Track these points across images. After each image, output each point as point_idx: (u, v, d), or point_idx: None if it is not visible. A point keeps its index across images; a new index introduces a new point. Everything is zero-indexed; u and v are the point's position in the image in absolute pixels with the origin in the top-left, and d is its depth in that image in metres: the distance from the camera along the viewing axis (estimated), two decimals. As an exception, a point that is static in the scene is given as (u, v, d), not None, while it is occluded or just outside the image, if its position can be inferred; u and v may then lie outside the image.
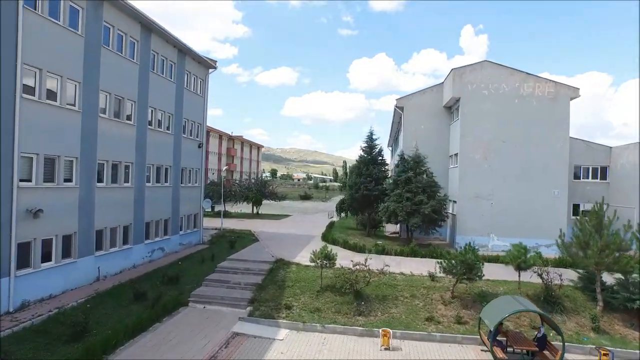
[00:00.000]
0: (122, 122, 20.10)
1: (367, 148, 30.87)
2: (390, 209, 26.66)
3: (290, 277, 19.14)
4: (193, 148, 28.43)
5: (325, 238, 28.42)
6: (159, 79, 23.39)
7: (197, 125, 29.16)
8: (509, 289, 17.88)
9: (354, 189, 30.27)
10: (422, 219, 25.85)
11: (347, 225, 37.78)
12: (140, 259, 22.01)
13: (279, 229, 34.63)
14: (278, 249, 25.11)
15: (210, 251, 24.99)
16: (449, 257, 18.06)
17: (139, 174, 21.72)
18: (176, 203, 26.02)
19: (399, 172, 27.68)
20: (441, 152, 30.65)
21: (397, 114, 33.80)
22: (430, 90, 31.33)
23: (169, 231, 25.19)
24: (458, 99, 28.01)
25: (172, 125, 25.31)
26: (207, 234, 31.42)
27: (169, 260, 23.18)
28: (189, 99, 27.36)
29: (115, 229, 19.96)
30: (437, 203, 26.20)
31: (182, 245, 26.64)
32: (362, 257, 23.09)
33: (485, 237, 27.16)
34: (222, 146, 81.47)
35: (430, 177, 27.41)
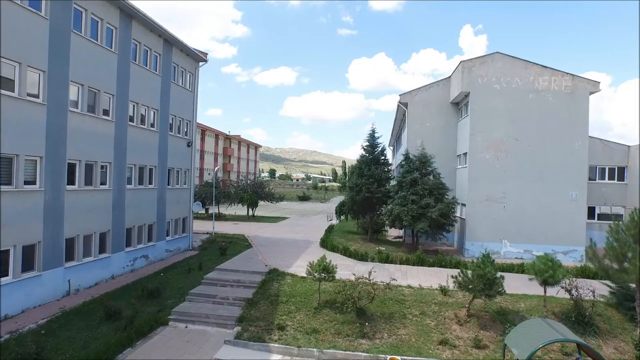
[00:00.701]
0: (98, 117, 18.04)
1: (368, 147, 28.83)
2: (394, 212, 24.63)
3: (284, 291, 17.10)
4: (181, 147, 26.37)
5: (324, 244, 26.38)
6: (141, 71, 21.34)
7: (186, 122, 27.10)
8: (531, 305, 15.86)
9: (354, 191, 28.24)
10: (429, 223, 23.82)
11: (347, 228, 35.74)
12: (121, 268, 19.96)
13: (274, 233, 32.58)
14: (272, 256, 23.07)
15: (198, 259, 22.97)
16: (465, 268, 16.09)
17: (118, 175, 19.67)
18: (162, 206, 23.97)
19: (403, 173, 25.66)
20: (448, 152, 28.63)
21: (401, 110, 31.77)
22: (437, 85, 29.31)
23: (154, 237, 23.14)
24: (467, 94, 25.99)
25: (158, 122, 23.26)
26: (197, 238, 29.40)
27: (153, 269, 21.17)
28: (177, 93, 25.31)
29: (90, 237, 17.89)
30: (445, 206, 24.17)
31: (169, 252, 24.60)
32: (364, 266, 21.15)
33: (497, 243, 25.15)
34: (218, 146, 79.40)
35: (437, 178, 25.39)
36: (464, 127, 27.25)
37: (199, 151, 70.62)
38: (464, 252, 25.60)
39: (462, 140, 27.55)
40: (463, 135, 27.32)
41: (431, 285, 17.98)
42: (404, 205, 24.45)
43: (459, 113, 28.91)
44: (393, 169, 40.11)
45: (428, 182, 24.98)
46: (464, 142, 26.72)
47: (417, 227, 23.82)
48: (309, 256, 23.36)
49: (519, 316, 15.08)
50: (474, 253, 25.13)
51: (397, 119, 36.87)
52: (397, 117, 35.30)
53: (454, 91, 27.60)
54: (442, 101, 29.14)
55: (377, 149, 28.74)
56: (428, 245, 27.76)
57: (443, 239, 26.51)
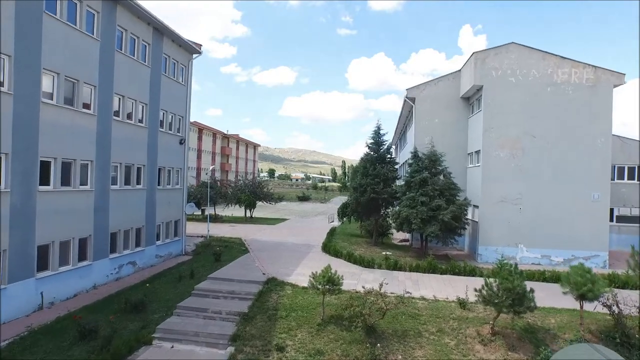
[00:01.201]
0: (77, 110, 16.23)
1: (373, 145, 27.05)
2: (402, 214, 22.85)
3: (284, 304, 15.30)
4: (173, 144, 24.56)
5: (327, 248, 24.58)
6: (128, 62, 19.54)
7: (179, 118, 25.28)
8: (563, 322, 14.08)
9: (358, 191, 26.45)
10: (440, 227, 22.04)
11: (349, 231, 33.96)
12: (104, 277, 18.16)
13: (273, 236, 30.78)
14: (271, 263, 21.28)
15: (190, 266, 21.20)
16: (480, 275, 14.32)
17: (101, 174, 17.87)
18: (152, 208, 22.17)
19: (411, 172, 23.87)
20: (458, 149, 26.83)
21: (407, 106, 29.98)
22: (446, 78, 27.52)
23: (142, 242, 21.33)
24: (480, 88, 24.20)
25: (146, 117, 21.45)
26: (191, 242, 27.60)
27: (141, 277, 19.40)
28: (168, 87, 23.50)
29: (68, 243, 16.08)
30: (457, 208, 22.38)
31: (159, 257, 22.80)
32: (371, 274, 19.38)
33: (513, 247, 23.37)
34: (216, 145, 77.63)
35: (448, 178, 23.60)
36: (476, 123, 25.48)
37: (196, 150, 68.88)
38: (477, 258, 23.82)
39: (474, 137, 25.77)
40: (475, 132, 25.54)
41: (447, 297, 16.20)
42: (413, 207, 22.67)
43: (469, 108, 27.13)
44: (398, 168, 38.29)
45: (438, 182, 23.21)
46: (477, 139, 24.95)
47: (428, 231, 22.03)
48: (310, 262, 21.60)
49: (550, 334, 13.32)
50: (488, 258, 23.39)
51: (402, 115, 35.08)
52: (403, 113, 33.49)
53: (465, 85, 25.82)
54: (452, 96, 27.35)
55: (383, 146, 26.96)
56: (437, 249, 26.00)
57: (454, 244, 24.69)
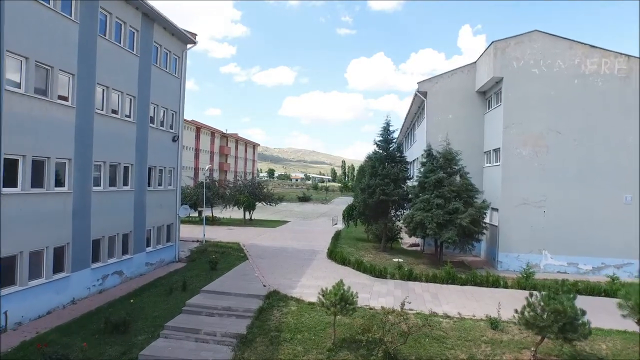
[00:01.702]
0: (52, 101, 14.21)
1: (382, 142, 25.06)
2: (415, 218, 20.88)
3: (288, 324, 13.30)
4: (165, 141, 22.55)
5: (333, 255, 22.57)
6: (113, 49, 17.52)
7: (172, 113, 23.28)
8: (616, 348, 12.09)
9: (367, 193, 24.45)
10: (457, 232, 20.09)
11: (355, 235, 31.97)
12: (85, 290, 16.15)
13: (274, 240, 28.76)
14: (272, 272, 19.28)
15: (183, 275, 19.23)
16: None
17: (81, 174, 15.85)
18: (141, 212, 20.16)
19: (425, 172, 21.91)
20: (473, 148, 24.83)
21: (418, 100, 28.00)
22: (460, 71, 25.56)
23: (130, 249, 19.33)
24: (499, 80, 22.23)
25: (135, 112, 19.44)
26: (186, 247, 25.60)
27: (128, 288, 17.42)
28: (160, 79, 21.50)
29: (40, 253, 14.05)
30: (476, 212, 20.44)
31: (150, 265, 20.79)
32: (383, 285, 17.38)
33: (536, 254, 21.40)
34: (214, 144, 75.62)
35: (465, 178, 21.65)
36: (493, 119, 23.51)
37: (193, 150, 66.86)
38: (496, 265, 21.85)
39: (491, 134, 23.81)
40: (493, 128, 23.58)
41: (474, 314, 14.20)
42: (428, 210, 20.70)
43: (486, 103, 25.17)
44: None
45: (455, 183, 21.25)
46: (495, 137, 22.97)
47: (444, 237, 20.06)
48: (316, 272, 19.61)
49: (603, 363, 11.34)
50: (509, 266, 21.45)
51: (410, 111, 33.09)
52: (412, 109, 31.47)
53: (482, 78, 23.85)
54: (467, 90, 25.39)
55: (393, 144, 24.97)
56: (451, 255, 23.99)
57: (473, 250, 22.67)
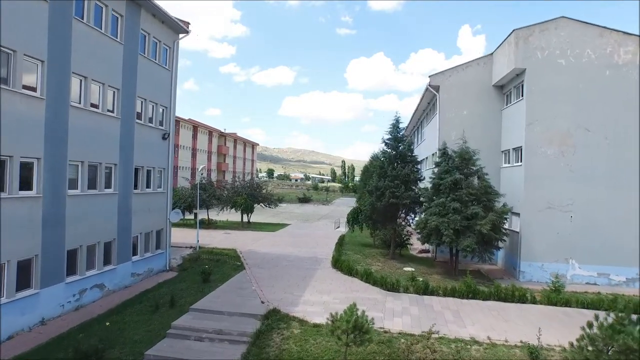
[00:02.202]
0: (14, 91, 12.21)
1: (391, 140, 23.07)
2: (430, 224, 18.91)
3: (290, 352, 11.30)
4: (154, 140, 20.57)
5: (338, 264, 20.57)
6: (92, 34, 15.52)
7: (162, 108, 21.29)
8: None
9: (375, 195, 22.46)
10: (476, 239, 18.14)
11: (360, 240, 29.98)
12: (57, 307, 14.15)
13: (273, 246, 26.77)
14: (271, 285, 17.31)
15: (172, 287, 17.29)
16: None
17: (52, 175, 13.84)
18: (126, 217, 18.17)
19: (440, 173, 19.93)
20: (490, 146, 22.83)
21: (428, 96, 26.03)
22: (476, 64, 23.59)
23: (113, 259, 17.33)
24: (521, 72, 20.27)
25: (119, 106, 17.44)
26: (178, 254, 23.65)
27: (110, 304, 15.46)
28: (148, 70, 19.53)
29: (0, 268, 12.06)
30: (497, 217, 18.49)
31: (136, 275, 18.81)
32: (397, 301, 15.33)
33: (562, 263, 19.43)
34: (212, 144, 73.64)
35: (484, 180, 19.69)
36: (513, 115, 21.55)
37: (190, 149, 64.88)
38: (518, 275, 19.88)
39: (511, 131, 21.86)
40: (512, 125, 21.62)
41: (506, 339, 12.21)
42: (443, 216, 18.73)
43: (503, 99, 23.21)
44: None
45: (473, 185, 19.29)
46: (515, 134, 21.02)
47: (463, 245, 18.09)
48: (320, 284, 17.64)
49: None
50: (532, 276, 19.52)
51: (418, 108, 31.11)
52: (420, 105, 29.46)
53: (500, 70, 21.88)
54: (483, 84, 23.44)
55: (403, 143, 22.97)
56: (465, 264, 22.00)
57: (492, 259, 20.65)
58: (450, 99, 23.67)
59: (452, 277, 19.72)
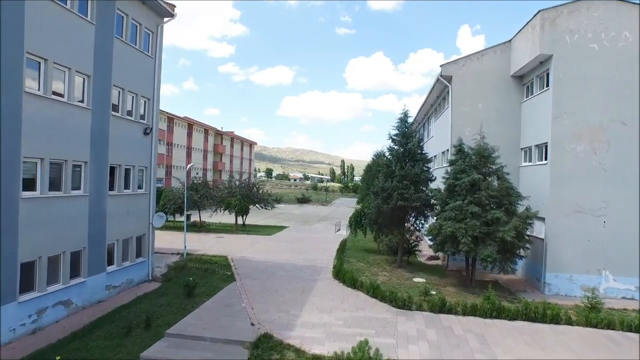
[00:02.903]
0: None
1: (399, 136, 20.80)
2: (444, 230, 16.66)
3: (283, 397, 9.05)
4: (135, 135, 18.31)
5: (340, 275, 18.29)
6: (53, 10, 13.22)
7: (143, 100, 19.03)
8: None
9: (381, 197, 20.20)
10: (498, 247, 15.92)
11: (363, 244, 27.74)
12: (8, 332, 11.88)
13: (268, 253, 24.50)
14: (264, 300, 15.07)
15: (151, 304, 15.06)
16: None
17: (2, 175, 11.59)
18: (99, 222, 15.90)
19: (455, 173, 17.69)
20: (508, 143, 20.49)
21: (439, 87, 23.78)
22: (492, 52, 21.33)
23: (82, 270, 15.06)
24: (546, 59, 18.04)
25: (89, 95, 15.15)
26: (163, 262, 21.48)
27: (76, 324, 13.24)
28: (126, 56, 17.27)
29: None
30: (521, 222, 16.26)
31: (112, 288, 16.53)
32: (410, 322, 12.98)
33: (594, 274, 17.19)
34: (208, 142, 71.29)
35: (505, 180, 17.46)
36: (536, 108, 19.33)
37: (185, 148, 62.59)
38: (543, 288, 17.64)
39: (532, 126, 19.63)
40: (535, 119, 19.40)
41: (548, 376, 9.99)
42: (460, 221, 16.49)
43: (523, 90, 20.97)
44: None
45: (492, 187, 17.06)
46: (539, 129, 18.78)
47: (483, 254, 15.84)
48: (320, 299, 15.39)
49: None
50: (559, 289, 17.31)
51: (426, 102, 28.85)
52: (429, 98, 27.12)
53: (521, 58, 19.64)
54: (499, 74, 21.20)
55: (412, 139, 20.71)
56: (480, 273, 19.72)
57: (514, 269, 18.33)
58: (464, 90, 21.42)
59: (468, 289, 17.50)
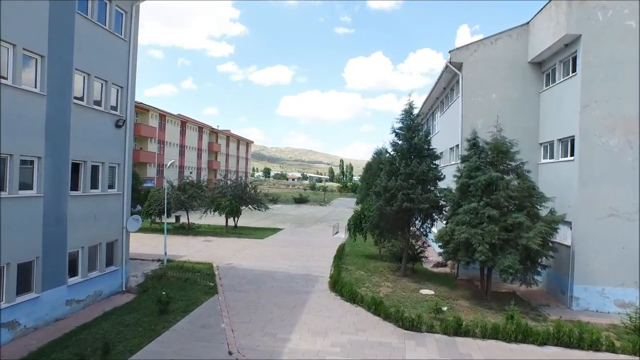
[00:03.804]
0: None
1: (404, 130, 18.53)
2: (458, 237, 14.42)
3: None
4: (104, 127, 16.04)
5: (338, 287, 16.02)
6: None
7: (115, 88, 16.76)
8: None
9: (384, 198, 17.93)
10: (520, 256, 13.70)
11: (362, 249, 25.50)
12: None
13: (259, 258, 22.26)
14: (248, 319, 12.82)
15: (116, 322, 12.83)
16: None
17: None
18: (57, 227, 13.63)
19: (469, 170, 15.45)
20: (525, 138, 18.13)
21: (448, 75, 21.51)
22: (507, 36, 19.09)
23: (34, 284, 12.82)
24: (573, 41, 15.83)
25: (44, 79, 12.90)
26: (142, 269, 19.28)
27: (20, 351, 10.93)
28: (93, 37, 15.00)
29: None
30: (547, 228, 14.04)
31: (75, 303, 14.28)
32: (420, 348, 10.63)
33: (631, 287, 14.94)
34: (202, 140, 68.94)
35: (527, 179, 15.24)
36: (559, 97, 17.12)
37: (178, 146, 60.26)
38: (569, 302, 15.41)
39: (554, 118, 17.41)
40: (558, 110, 17.19)
41: None
42: (476, 226, 14.26)
43: (542, 78, 18.76)
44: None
45: (512, 187, 14.84)
46: (564, 121, 16.57)
47: (503, 265, 13.60)
48: (314, 318, 13.12)
49: None
50: (589, 304, 15.10)
51: (432, 95, 26.59)
52: (436, 88, 24.75)
53: (542, 41, 17.42)
54: (515, 60, 18.98)
55: (419, 133, 18.45)
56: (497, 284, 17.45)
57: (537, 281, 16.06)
58: (475, 79, 19.19)
59: (483, 303, 15.30)
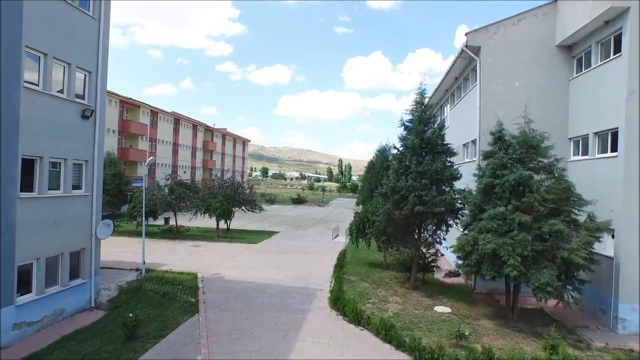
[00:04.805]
0: None
1: (414, 122, 16.18)
2: (482, 247, 12.10)
3: None
4: (67, 118, 13.68)
5: (340, 304, 13.69)
6: None
7: (82, 73, 14.42)
8: None
9: (392, 201, 15.59)
10: (559, 271, 11.41)
11: (366, 256, 23.18)
12: None
13: (250, 267, 19.92)
14: (231, 348, 10.48)
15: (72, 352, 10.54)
16: None
17: None
18: (1, 237, 11.30)
19: (494, 169, 13.13)
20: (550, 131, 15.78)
21: (463, 61, 19.15)
22: (532, 15, 16.79)
23: (-30, 307, 10.48)
24: (616, 17, 13.55)
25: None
26: (115, 282, 16.92)
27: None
28: (52, 12, 12.67)
29: None
30: (591, 237, 11.75)
31: (26, 326, 11.94)
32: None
33: (685, 308, 12.68)
34: (197, 139, 66.51)
35: (563, 180, 12.95)
36: (596, 84, 14.83)
37: (172, 144, 57.83)
38: (613, 324, 13.12)
39: (590, 108, 15.14)
40: (594, 99, 14.91)
41: None
42: (504, 234, 11.95)
43: (572, 63, 16.47)
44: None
45: (547, 188, 12.53)
46: (603, 111, 14.29)
47: (540, 282, 11.29)
48: (311, 345, 10.76)
49: None
50: (638, 326, 12.73)
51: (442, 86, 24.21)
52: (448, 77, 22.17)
53: (574, 21, 15.13)
54: (542, 44, 16.69)
55: (432, 125, 16.12)
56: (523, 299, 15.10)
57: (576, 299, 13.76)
58: (496, 64, 16.89)
59: (509, 323, 13.04)
